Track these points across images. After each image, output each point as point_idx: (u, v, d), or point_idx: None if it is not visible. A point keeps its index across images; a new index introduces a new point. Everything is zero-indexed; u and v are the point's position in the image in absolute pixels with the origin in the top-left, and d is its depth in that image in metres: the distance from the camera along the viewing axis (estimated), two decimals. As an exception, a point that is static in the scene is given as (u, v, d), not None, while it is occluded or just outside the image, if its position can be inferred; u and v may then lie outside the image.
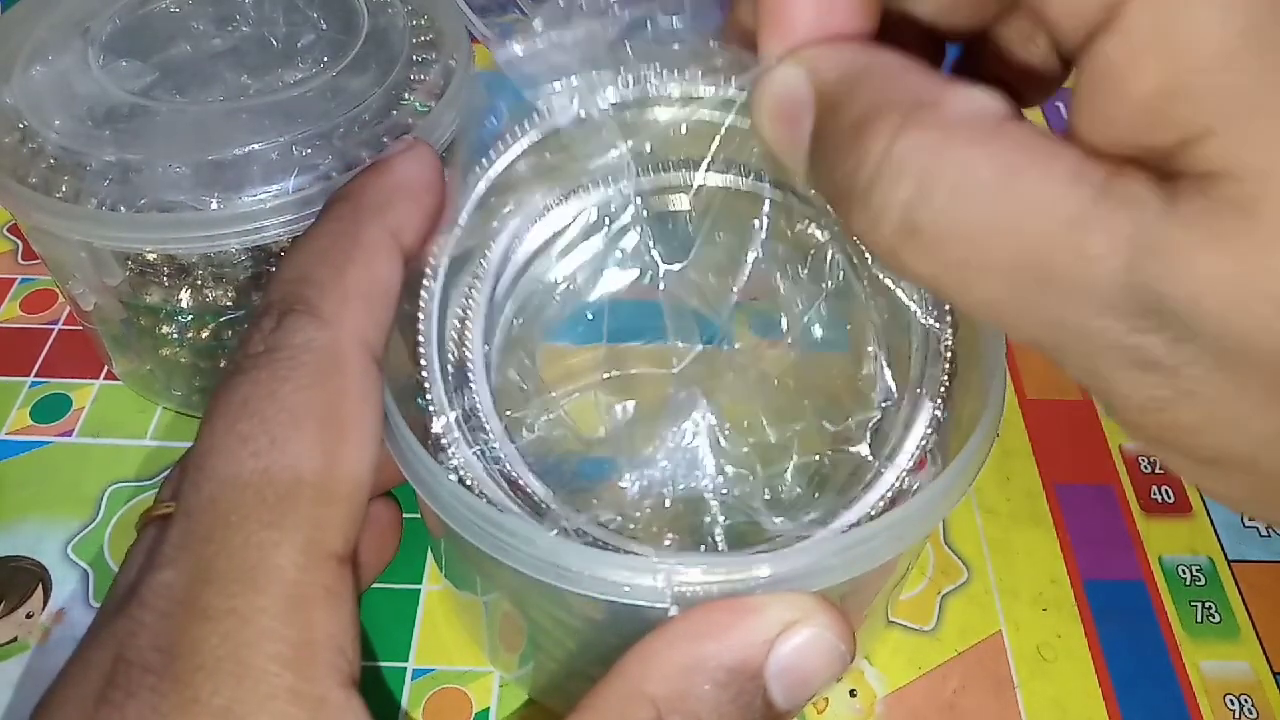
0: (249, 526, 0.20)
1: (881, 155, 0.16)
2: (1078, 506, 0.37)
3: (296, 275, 0.22)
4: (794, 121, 0.19)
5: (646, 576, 0.21)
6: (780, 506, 0.25)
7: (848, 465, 0.26)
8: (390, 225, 0.23)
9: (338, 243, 0.23)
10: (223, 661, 0.19)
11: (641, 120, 0.25)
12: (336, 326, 0.21)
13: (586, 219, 0.27)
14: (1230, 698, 0.32)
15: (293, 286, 0.22)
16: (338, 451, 0.21)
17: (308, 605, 0.20)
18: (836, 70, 0.18)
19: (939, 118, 0.16)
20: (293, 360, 0.21)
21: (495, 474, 0.24)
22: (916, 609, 0.34)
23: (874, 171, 0.16)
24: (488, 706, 0.31)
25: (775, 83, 0.19)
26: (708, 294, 0.28)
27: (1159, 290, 0.14)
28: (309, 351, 0.21)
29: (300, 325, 0.21)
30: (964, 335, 0.26)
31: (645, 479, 0.24)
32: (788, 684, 0.20)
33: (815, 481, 0.27)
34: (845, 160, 0.17)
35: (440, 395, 0.24)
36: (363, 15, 0.37)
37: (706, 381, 0.27)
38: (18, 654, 0.32)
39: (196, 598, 0.19)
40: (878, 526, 0.22)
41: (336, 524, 0.21)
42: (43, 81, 0.34)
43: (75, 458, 0.37)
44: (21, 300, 0.42)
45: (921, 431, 0.24)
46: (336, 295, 0.22)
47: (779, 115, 0.19)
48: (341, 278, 0.22)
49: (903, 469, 0.24)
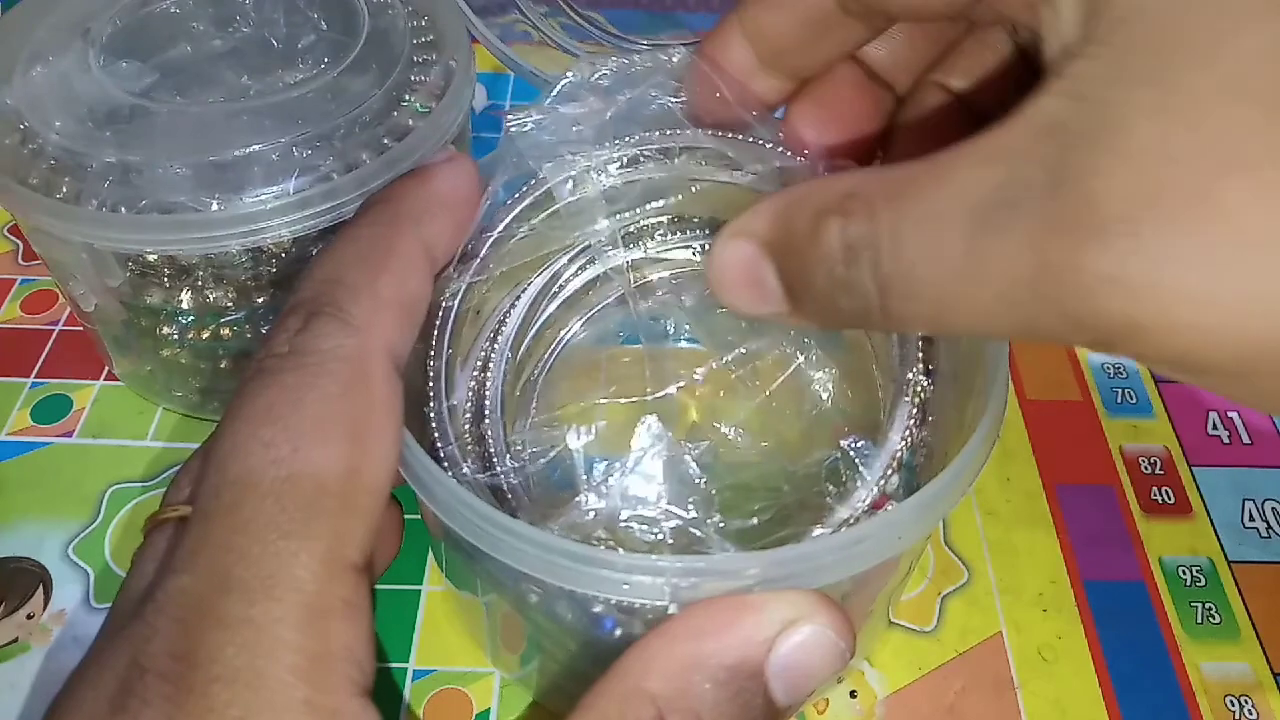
0: (268, 535, 0.19)
1: (840, 244, 0.18)
2: (1078, 507, 0.37)
3: (329, 276, 0.22)
4: (757, 281, 0.21)
5: (646, 575, 0.21)
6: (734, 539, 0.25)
7: (808, 507, 0.26)
8: (426, 236, 0.23)
9: (374, 248, 0.23)
10: (239, 671, 0.19)
11: (632, 193, 0.27)
12: (366, 334, 0.21)
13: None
14: (1230, 698, 0.32)
15: (324, 287, 0.22)
16: (360, 463, 0.21)
17: (325, 617, 0.20)
18: (766, 219, 0.20)
19: (862, 197, 0.18)
20: (320, 367, 0.21)
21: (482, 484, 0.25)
22: (917, 610, 0.34)
23: (842, 259, 0.18)
24: (489, 707, 0.31)
25: (725, 259, 0.21)
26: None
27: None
28: (336, 359, 0.21)
29: (329, 330, 0.21)
30: (968, 346, 0.26)
31: (603, 504, 0.24)
32: (788, 682, 0.20)
33: (776, 518, 0.27)
34: (818, 272, 0.19)
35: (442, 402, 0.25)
36: (363, 16, 0.37)
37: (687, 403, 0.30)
38: (18, 655, 0.32)
39: (213, 606, 0.19)
40: (876, 524, 0.22)
41: (356, 535, 0.20)
42: (43, 82, 0.34)
43: (76, 459, 0.37)
44: (22, 301, 0.42)
45: (880, 472, 0.24)
46: (368, 302, 0.22)
47: (742, 283, 0.21)
48: (375, 285, 0.22)
49: (857, 508, 0.24)
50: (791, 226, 0.20)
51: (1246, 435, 0.39)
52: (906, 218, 0.17)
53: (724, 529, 0.24)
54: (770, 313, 0.21)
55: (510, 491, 0.25)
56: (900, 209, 0.18)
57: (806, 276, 0.20)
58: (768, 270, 0.20)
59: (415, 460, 0.23)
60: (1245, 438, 0.39)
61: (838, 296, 0.19)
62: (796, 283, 0.20)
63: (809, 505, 0.25)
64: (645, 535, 0.24)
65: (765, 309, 0.21)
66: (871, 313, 0.19)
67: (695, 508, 0.24)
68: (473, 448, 0.26)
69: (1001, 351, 0.25)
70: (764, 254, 0.20)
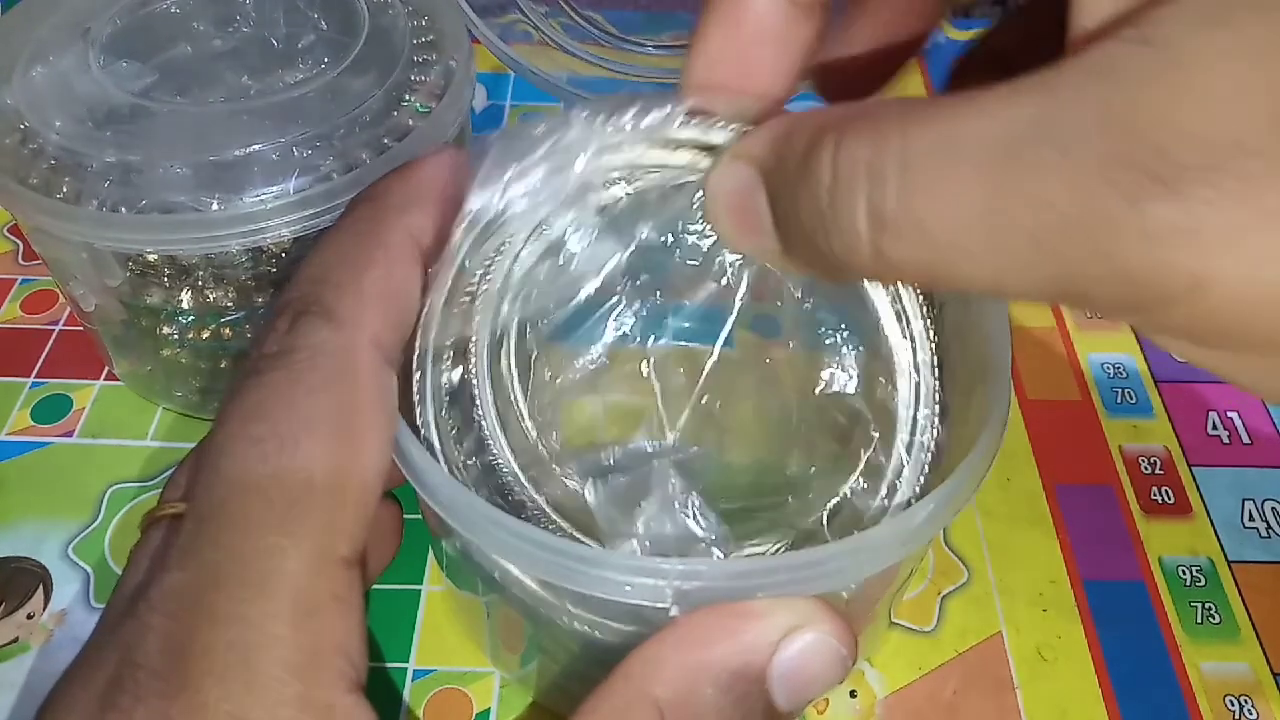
0: (258, 531, 0.20)
1: (830, 171, 0.16)
2: (1078, 507, 0.37)
3: (314, 275, 0.22)
4: (748, 209, 0.19)
5: (648, 577, 0.21)
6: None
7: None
8: (412, 227, 0.23)
9: (358, 243, 0.23)
10: (231, 667, 0.19)
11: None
12: (351, 329, 0.21)
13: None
14: (1230, 698, 0.32)
15: (310, 287, 0.22)
16: (349, 457, 0.21)
17: (316, 612, 0.20)
18: (765, 140, 0.19)
19: (869, 117, 0.16)
20: (307, 363, 0.21)
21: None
22: (917, 610, 0.34)
23: (830, 188, 0.16)
24: (489, 707, 0.31)
25: (719, 183, 0.20)
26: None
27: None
28: (322, 354, 0.21)
29: (314, 327, 0.21)
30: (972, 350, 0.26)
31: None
32: (790, 688, 0.20)
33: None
34: (804, 202, 0.17)
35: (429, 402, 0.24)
36: (363, 16, 0.37)
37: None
38: (18, 655, 0.32)
39: (205, 602, 0.19)
40: (880, 532, 0.22)
41: (346, 530, 0.21)
42: (43, 82, 0.34)
43: (76, 458, 0.37)
44: (22, 301, 0.42)
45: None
46: (353, 297, 0.22)
47: (732, 208, 0.20)
48: (359, 279, 0.22)
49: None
50: (789, 148, 0.18)
51: (1246, 435, 0.39)
52: (919, 144, 0.15)
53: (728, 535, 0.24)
54: (760, 248, 0.19)
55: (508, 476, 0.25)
56: (913, 134, 0.15)
57: (795, 206, 0.17)
58: (760, 199, 0.19)
59: (416, 459, 0.23)
60: (1245, 438, 0.39)
61: (822, 232, 0.17)
62: (788, 214, 0.18)
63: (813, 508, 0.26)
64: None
65: (755, 243, 0.19)
66: (859, 255, 0.16)
67: (702, 525, 0.24)
68: (460, 430, 0.26)
69: (1004, 352, 0.25)
70: (760, 180, 0.19)
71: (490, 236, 0.25)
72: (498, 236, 0.25)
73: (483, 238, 0.25)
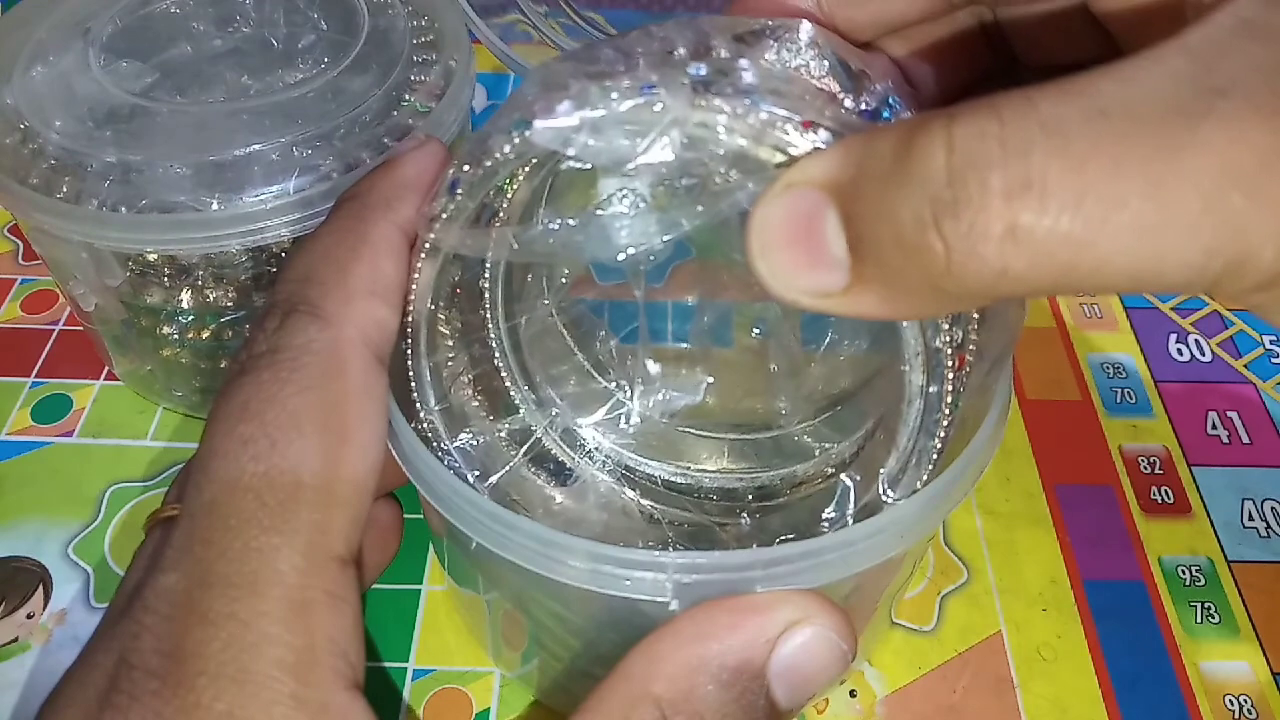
0: (249, 531, 0.20)
1: (944, 152, 0.14)
2: (1078, 506, 0.37)
3: (300, 275, 0.22)
4: (811, 237, 0.16)
5: (648, 571, 0.21)
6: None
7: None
8: (398, 221, 0.23)
9: (343, 241, 0.23)
10: (225, 667, 0.19)
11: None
12: (339, 326, 0.21)
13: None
14: (1230, 698, 0.32)
15: (296, 286, 0.22)
16: (339, 454, 0.21)
17: (309, 610, 0.20)
18: (834, 157, 0.16)
19: (979, 103, 0.14)
20: (294, 362, 0.21)
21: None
22: (916, 609, 0.34)
23: (946, 168, 0.14)
24: (489, 706, 0.31)
25: (769, 211, 0.16)
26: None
27: None
28: (310, 353, 0.21)
29: (302, 326, 0.21)
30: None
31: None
32: (790, 684, 0.20)
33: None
34: (903, 202, 0.14)
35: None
36: (363, 16, 0.37)
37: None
38: (18, 654, 0.32)
39: (198, 602, 0.19)
40: (879, 523, 0.22)
41: (338, 527, 0.21)
42: (43, 82, 0.34)
43: (76, 458, 0.37)
44: (22, 301, 0.42)
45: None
46: (339, 295, 0.22)
47: (788, 241, 0.16)
48: (345, 277, 0.22)
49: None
50: (870, 155, 0.15)
51: (1246, 435, 0.39)
52: (1067, 109, 0.13)
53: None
54: (818, 286, 0.16)
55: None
56: (1050, 104, 0.14)
57: (890, 210, 0.15)
58: (827, 222, 0.16)
59: (416, 458, 0.23)
60: (1245, 438, 0.39)
61: (933, 229, 0.14)
62: (874, 228, 0.15)
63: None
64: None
65: (814, 280, 0.16)
66: (986, 242, 0.14)
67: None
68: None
69: (1006, 350, 0.25)
70: (827, 200, 0.16)
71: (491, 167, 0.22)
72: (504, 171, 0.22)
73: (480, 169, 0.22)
